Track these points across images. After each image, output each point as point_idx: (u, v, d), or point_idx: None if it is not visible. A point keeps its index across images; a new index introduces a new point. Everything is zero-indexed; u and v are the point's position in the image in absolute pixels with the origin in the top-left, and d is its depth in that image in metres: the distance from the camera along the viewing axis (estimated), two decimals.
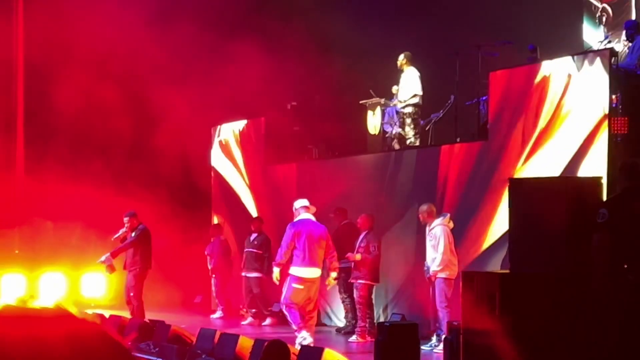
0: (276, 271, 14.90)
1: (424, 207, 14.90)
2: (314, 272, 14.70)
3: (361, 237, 16.17)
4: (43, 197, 21.07)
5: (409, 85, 17.78)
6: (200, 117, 21.12)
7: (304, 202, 15.16)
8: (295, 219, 14.90)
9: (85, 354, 1.28)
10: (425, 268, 14.71)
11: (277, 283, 14.96)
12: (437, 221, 14.63)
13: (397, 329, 12.09)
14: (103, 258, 17.00)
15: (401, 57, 17.94)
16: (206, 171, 22.62)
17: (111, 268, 17.01)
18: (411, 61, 17.90)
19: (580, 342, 9.07)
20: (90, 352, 1.28)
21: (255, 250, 19.17)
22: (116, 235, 17.47)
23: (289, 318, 14.79)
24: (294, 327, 14.62)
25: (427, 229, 14.80)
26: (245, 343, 12.61)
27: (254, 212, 20.90)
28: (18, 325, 1.32)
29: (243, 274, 19.43)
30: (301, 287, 14.62)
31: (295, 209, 15.02)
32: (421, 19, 19.40)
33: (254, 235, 19.37)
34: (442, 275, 14.40)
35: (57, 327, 1.30)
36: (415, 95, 17.68)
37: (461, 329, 10.12)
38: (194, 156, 21.86)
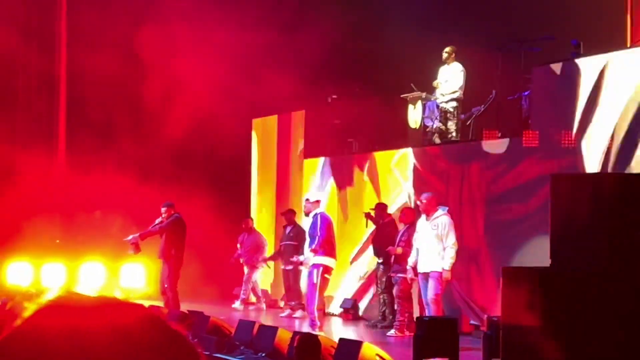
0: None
1: (427, 196, 14.59)
2: None
3: (402, 230, 16.11)
4: (84, 187, 21.18)
5: (454, 79, 17.67)
6: (241, 109, 21.15)
7: (319, 195, 15.37)
8: (319, 210, 14.97)
9: (136, 342, 1.25)
10: (413, 263, 14.52)
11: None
12: (441, 211, 14.36)
13: (436, 324, 12.07)
14: (130, 237, 17.29)
15: (448, 49, 17.80)
16: (247, 163, 22.66)
17: (136, 248, 17.24)
18: (457, 55, 17.79)
19: (621, 340, 9.00)
20: (141, 339, 1.24)
21: (292, 243, 19.19)
22: (153, 225, 17.64)
23: (317, 319, 14.77)
24: (316, 328, 14.66)
25: (427, 219, 14.51)
26: (284, 335, 12.65)
27: (289, 205, 20.90)
28: (70, 314, 1.30)
29: (282, 267, 19.51)
30: (329, 277, 14.79)
31: (314, 201, 15.08)
32: (464, 13, 19.31)
33: (289, 228, 19.42)
34: (443, 267, 14.15)
35: (106, 316, 1.28)
36: (456, 91, 17.58)
37: (501, 324, 10.08)
38: (234, 148, 21.89)
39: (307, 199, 15.24)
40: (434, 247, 14.25)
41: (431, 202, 14.50)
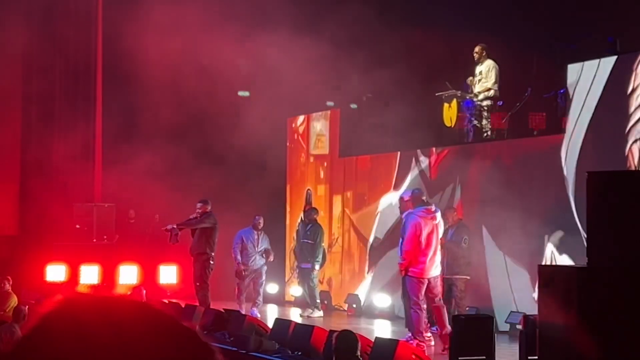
0: None
1: (407, 194, 14.38)
2: None
3: (452, 231, 15.78)
4: (121, 186, 21.29)
5: (487, 77, 17.61)
6: (276, 108, 21.16)
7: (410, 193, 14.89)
8: (410, 210, 14.16)
9: (144, 341, 1.21)
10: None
11: None
12: (414, 210, 13.90)
13: (472, 322, 12.09)
14: (169, 227, 17.44)
15: (478, 48, 17.76)
16: (281, 161, 22.68)
17: (175, 238, 17.37)
18: (488, 53, 17.74)
19: None
20: (149, 338, 1.21)
21: (309, 242, 19.10)
22: (188, 219, 17.77)
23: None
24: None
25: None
26: (320, 334, 12.66)
27: (323, 204, 20.92)
28: (76, 318, 1.29)
29: (302, 265, 19.30)
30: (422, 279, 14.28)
31: (408, 199, 14.28)
32: (498, 9, 19.22)
33: (308, 226, 19.36)
34: (410, 271, 13.74)
35: (113, 316, 1.25)
36: (490, 89, 17.53)
37: (538, 322, 10.07)
38: (269, 146, 21.87)
39: (402, 197, 14.74)
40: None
41: (411, 199, 14.12)
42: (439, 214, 13.97)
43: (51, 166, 22.46)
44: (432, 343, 13.88)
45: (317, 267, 18.98)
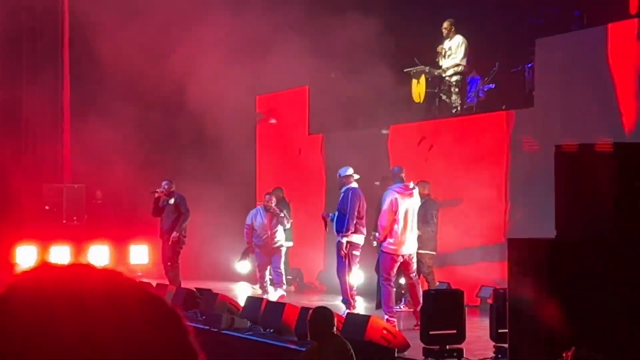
0: None
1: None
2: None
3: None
4: (89, 166, 21.19)
5: (456, 53, 17.62)
6: (244, 85, 21.07)
7: (351, 169, 15.22)
8: (352, 185, 14.94)
9: (111, 306, 1.21)
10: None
11: None
12: (392, 186, 14.19)
13: (442, 296, 12.12)
14: (158, 190, 17.44)
15: (446, 23, 17.75)
16: (251, 140, 22.63)
17: (160, 209, 17.37)
18: (457, 28, 17.73)
19: (628, 310, 9.03)
20: (116, 303, 1.21)
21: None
22: (153, 191, 17.59)
23: (351, 298, 14.82)
24: (351, 308, 14.57)
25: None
26: (292, 311, 12.70)
27: (294, 183, 20.87)
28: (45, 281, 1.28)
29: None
30: (358, 254, 14.79)
31: (346, 176, 14.97)
32: None
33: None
34: (384, 247, 14.00)
35: (80, 282, 1.24)
36: (459, 64, 17.55)
37: (507, 295, 10.11)
38: (238, 124, 21.82)
39: (339, 174, 15.10)
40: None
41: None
42: (416, 191, 14.05)
43: (19, 141, 22.32)
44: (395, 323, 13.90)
45: (289, 244, 19.00)
